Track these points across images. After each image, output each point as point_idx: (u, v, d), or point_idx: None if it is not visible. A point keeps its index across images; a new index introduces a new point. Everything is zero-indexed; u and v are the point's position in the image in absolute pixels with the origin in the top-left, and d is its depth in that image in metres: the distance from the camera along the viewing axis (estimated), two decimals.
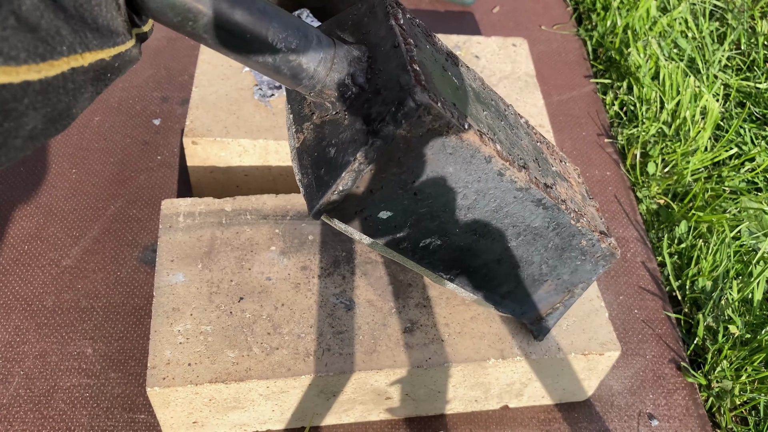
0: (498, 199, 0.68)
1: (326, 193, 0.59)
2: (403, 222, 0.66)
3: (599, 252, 0.80)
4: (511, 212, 0.70)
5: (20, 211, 1.18)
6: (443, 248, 0.71)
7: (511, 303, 0.83)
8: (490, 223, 0.71)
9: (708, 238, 1.26)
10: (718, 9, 1.81)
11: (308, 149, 0.63)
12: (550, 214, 0.73)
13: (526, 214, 0.71)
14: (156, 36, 1.54)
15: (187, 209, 0.98)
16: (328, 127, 0.62)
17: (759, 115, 1.55)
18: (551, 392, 0.99)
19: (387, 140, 0.57)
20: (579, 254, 0.79)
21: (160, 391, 0.81)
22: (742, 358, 1.07)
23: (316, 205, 0.60)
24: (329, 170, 0.60)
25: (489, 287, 0.79)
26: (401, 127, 0.57)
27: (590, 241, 0.78)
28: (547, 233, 0.75)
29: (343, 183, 0.59)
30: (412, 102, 0.56)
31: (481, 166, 0.64)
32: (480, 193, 0.67)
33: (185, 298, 0.88)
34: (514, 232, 0.73)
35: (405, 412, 0.97)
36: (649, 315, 1.16)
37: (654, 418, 1.03)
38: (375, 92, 0.59)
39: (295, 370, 0.84)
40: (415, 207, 0.65)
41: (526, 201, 0.70)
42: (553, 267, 0.79)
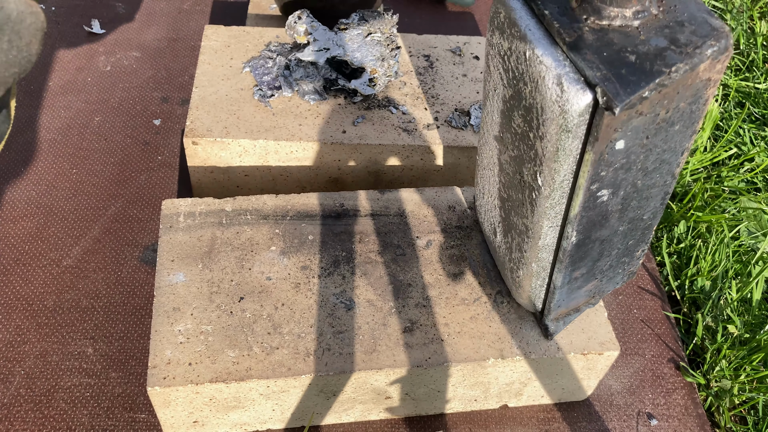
0: (661, 181, 0.72)
1: (638, 90, 0.60)
2: (626, 161, 0.68)
3: (635, 266, 0.85)
4: (651, 194, 0.74)
5: (21, 211, 1.18)
6: (604, 204, 0.72)
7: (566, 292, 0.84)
8: (635, 199, 0.73)
9: (707, 238, 1.26)
10: (717, 9, 1.81)
11: (591, 47, 0.64)
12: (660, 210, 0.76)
13: (654, 203, 0.75)
14: (156, 37, 1.54)
15: (187, 209, 0.98)
16: (616, 35, 0.64)
17: (758, 115, 1.55)
18: (550, 392, 0.99)
19: (695, 66, 0.61)
20: (628, 261, 0.83)
21: (160, 390, 0.82)
22: (741, 357, 1.07)
23: (627, 98, 0.61)
24: (636, 72, 0.62)
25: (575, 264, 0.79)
26: (706, 60, 0.61)
27: (643, 252, 0.82)
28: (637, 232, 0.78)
29: (655, 87, 0.61)
30: (726, 43, 0.61)
31: (687, 134, 0.68)
32: (660, 163, 0.70)
33: (186, 298, 0.89)
34: (632, 216, 0.75)
35: (405, 412, 0.97)
36: (648, 315, 1.16)
37: (653, 418, 1.03)
38: (677, 23, 0.64)
39: (295, 369, 0.84)
40: (639, 151, 0.67)
41: (665, 193, 0.74)
42: (609, 268, 0.82)
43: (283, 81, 1.20)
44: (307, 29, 1.22)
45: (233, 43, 1.28)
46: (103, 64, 1.46)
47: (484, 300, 0.93)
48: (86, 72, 1.44)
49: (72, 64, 1.45)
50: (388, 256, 0.97)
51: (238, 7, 1.65)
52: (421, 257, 0.97)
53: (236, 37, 1.29)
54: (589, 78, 0.62)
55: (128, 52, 1.50)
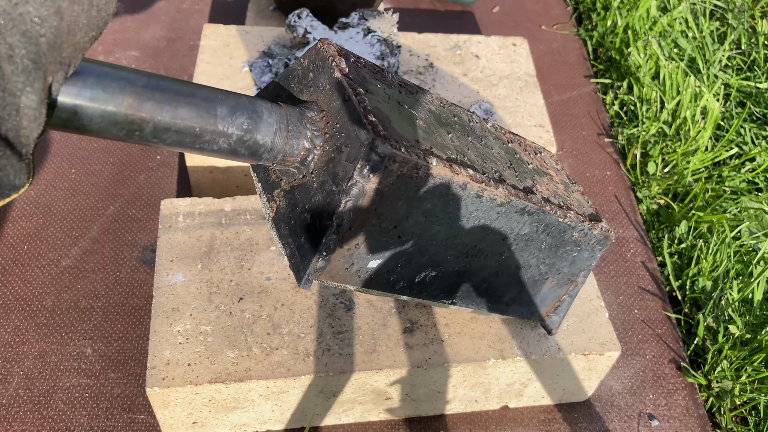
0: (482, 219, 0.69)
1: (311, 261, 0.59)
2: (393, 265, 0.66)
3: (593, 239, 0.81)
4: (498, 227, 0.71)
5: (20, 211, 1.17)
6: (439, 278, 0.71)
7: (518, 307, 0.83)
8: (480, 243, 0.71)
9: (708, 238, 1.25)
10: (719, 9, 1.80)
11: (284, 217, 0.63)
12: (537, 218, 0.73)
13: (513, 225, 0.72)
14: (155, 36, 1.54)
15: (186, 209, 0.97)
16: (299, 192, 0.61)
17: (759, 114, 1.55)
18: (551, 392, 0.99)
19: (359, 197, 0.57)
20: (574, 246, 0.80)
21: (159, 391, 0.81)
22: (742, 358, 1.07)
23: (304, 275, 0.60)
24: (309, 237, 0.60)
25: (492, 300, 0.79)
26: (370, 181, 0.57)
27: (581, 231, 0.79)
28: (537, 236, 0.75)
29: (326, 248, 0.59)
30: (375, 155, 0.56)
31: (458, 194, 0.64)
32: (463, 219, 0.67)
33: (185, 299, 0.88)
34: (505, 245, 0.73)
35: (405, 413, 0.97)
36: (649, 315, 1.16)
37: (654, 419, 1.03)
38: (337, 150, 0.58)
39: (294, 370, 0.84)
40: (403, 248, 0.65)
41: (510, 213, 0.70)
42: (551, 264, 0.80)
43: None
44: (307, 28, 1.22)
45: (232, 42, 1.27)
46: None
47: None
48: None
49: None
50: None
51: (238, 6, 1.65)
52: None
53: (235, 36, 1.28)
54: (286, 255, 0.62)
55: (127, 51, 1.49)
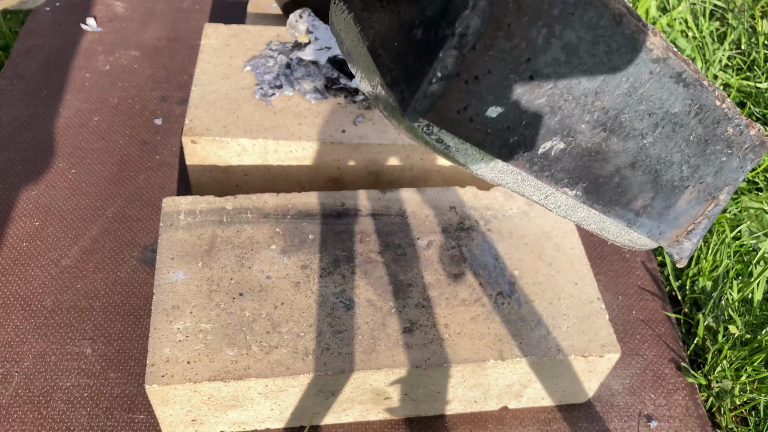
0: (631, 76, 0.56)
1: (422, 82, 0.47)
2: (517, 119, 0.54)
3: (748, 142, 0.66)
4: (646, 94, 0.59)
5: (19, 211, 1.17)
6: (567, 153, 0.59)
7: (647, 220, 0.69)
8: (623, 113, 0.58)
9: (708, 238, 1.25)
10: (719, 9, 1.81)
11: (384, 42, 0.51)
12: (692, 93, 0.60)
13: (664, 95, 0.59)
14: (155, 36, 1.54)
15: (188, 207, 0.98)
16: (405, 7, 0.50)
17: (759, 114, 1.55)
18: (551, 394, 0.98)
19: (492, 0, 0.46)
20: (725, 147, 0.66)
21: (158, 388, 0.81)
22: (742, 358, 1.07)
23: (411, 101, 0.48)
24: (421, 54, 0.48)
25: (622, 202, 0.66)
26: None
27: (738, 127, 0.64)
28: (688, 121, 0.62)
29: (442, 66, 0.47)
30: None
31: (608, 30, 0.52)
32: (610, 69, 0.55)
33: (185, 296, 0.88)
34: (650, 123, 0.60)
35: (404, 413, 0.96)
36: (649, 315, 1.16)
37: (653, 419, 1.03)
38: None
39: (293, 369, 0.83)
40: (532, 96, 0.53)
41: (664, 77, 0.57)
42: (696, 167, 0.66)
43: (284, 80, 1.20)
44: (309, 28, 1.22)
45: (233, 42, 1.27)
46: (102, 64, 1.46)
47: (484, 301, 0.93)
48: (85, 71, 1.44)
49: (71, 63, 1.45)
50: (389, 256, 0.96)
51: (238, 6, 1.65)
52: (422, 257, 0.97)
53: (236, 35, 1.29)
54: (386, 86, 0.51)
55: (127, 51, 1.49)
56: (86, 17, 1.57)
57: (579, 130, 0.57)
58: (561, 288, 0.96)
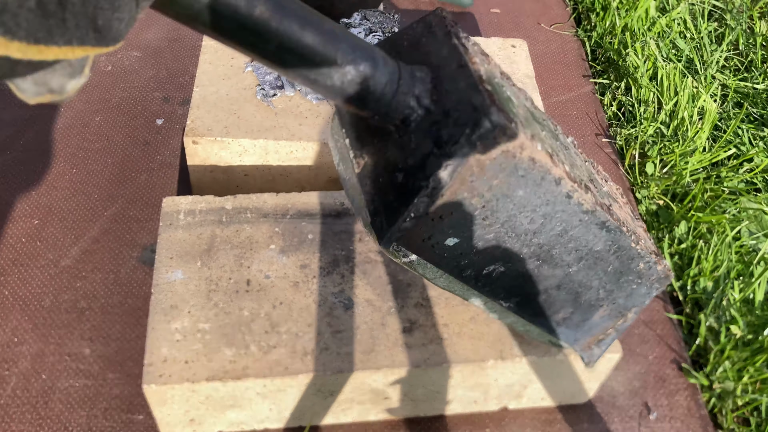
0: (564, 222, 0.67)
1: (398, 220, 0.57)
2: (469, 249, 0.64)
3: (655, 274, 0.79)
4: (575, 236, 0.69)
5: (19, 210, 1.17)
6: (506, 275, 0.69)
7: (566, 329, 0.81)
8: (554, 248, 0.69)
9: (708, 238, 1.25)
10: (717, 9, 1.81)
11: (371, 174, 0.61)
12: (613, 236, 0.71)
13: (589, 237, 0.70)
14: (157, 36, 1.54)
15: (187, 207, 0.97)
16: (392, 151, 0.59)
17: (757, 115, 1.55)
18: (551, 394, 0.98)
19: (461, 163, 0.55)
20: (636, 277, 0.78)
21: (156, 388, 0.81)
22: (744, 358, 1.06)
23: (387, 233, 0.58)
24: (399, 196, 0.58)
25: (546, 314, 0.77)
26: (476, 149, 0.55)
27: (647, 263, 0.77)
28: (607, 257, 0.73)
29: (415, 209, 0.57)
30: (488, 122, 0.54)
31: (550, 188, 0.63)
32: (547, 217, 0.65)
33: (183, 296, 0.88)
34: (576, 257, 0.71)
35: (403, 413, 0.96)
36: (651, 316, 1.16)
37: (652, 411, 1.03)
38: (444, 114, 0.57)
39: (292, 368, 0.83)
40: (483, 233, 0.63)
41: (591, 224, 0.68)
42: (610, 291, 0.78)
43: (285, 80, 1.20)
44: None
45: None
46: (104, 64, 1.46)
47: None
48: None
49: None
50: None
51: None
52: None
53: None
54: (368, 211, 0.60)
55: (129, 51, 1.49)
56: None
57: (517, 259, 0.68)
58: None
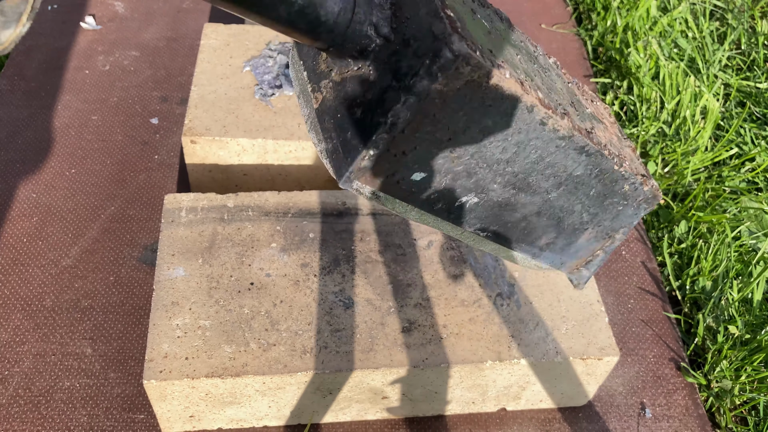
0: (539, 149, 0.64)
1: (356, 158, 0.54)
2: (438, 182, 0.61)
3: (641, 195, 0.76)
4: (552, 162, 0.66)
5: (19, 210, 1.18)
6: (480, 205, 0.67)
7: (550, 254, 0.79)
8: (530, 176, 0.66)
9: (708, 238, 1.25)
10: (719, 9, 1.81)
11: (329, 110, 0.58)
12: (593, 161, 0.69)
13: (568, 163, 0.67)
14: (155, 36, 1.54)
15: (189, 204, 0.98)
16: (351, 84, 0.56)
17: (759, 114, 1.55)
18: (549, 396, 0.98)
19: (421, 96, 0.52)
20: (621, 199, 0.76)
21: (156, 384, 0.81)
22: (742, 358, 1.06)
23: (346, 172, 0.55)
24: (357, 133, 0.55)
25: (528, 241, 0.75)
26: (437, 81, 0.51)
27: (633, 185, 0.74)
28: (589, 181, 0.71)
29: (374, 146, 0.54)
30: (448, 52, 0.50)
31: (522, 116, 0.59)
32: (520, 145, 0.62)
33: (185, 293, 0.88)
34: (554, 183, 0.69)
35: (402, 412, 0.96)
36: (649, 315, 1.16)
37: (646, 408, 1.03)
38: (403, 43, 0.53)
39: (291, 366, 0.83)
40: (451, 165, 0.60)
41: (569, 149, 0.66)
42: (594, 214, 0.76)
43: (284, 80, 1.20)
44: None
45: (233, 41, 1.27)
46: (102, 64, 1.46)
47: (483, 302, 0.93)
48: (85, 71, 1.44)
49: (70, 63, 1.45)
50: (389, 255, 0.96)
51: None
52: (422, 257, 0.97)
53: (236, 35, 1.29)
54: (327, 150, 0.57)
55: (127, 51, 1.50)
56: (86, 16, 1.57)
57: (491, 189, 0.66)
58: (561, 290, 0.96)
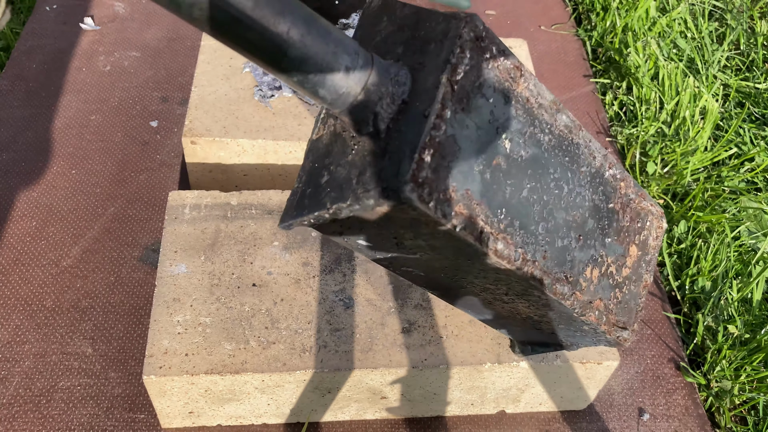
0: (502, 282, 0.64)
1: (298, 218, 0.58)
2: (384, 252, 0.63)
3: (602, 338, 0.73)
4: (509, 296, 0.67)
5: (20, 211, 1.18)
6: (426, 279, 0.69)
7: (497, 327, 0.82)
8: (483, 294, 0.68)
9: (707, 238, 1.25)
10: (718, 9, 1.81)
11: (315, 152, 0.60)
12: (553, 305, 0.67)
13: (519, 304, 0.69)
14: (156, 36, 1.54)
15: (193, 201, 0.98)
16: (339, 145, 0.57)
17: (758, 115, 1.55)
18: (549, 400, 0.98)
19: (364, 209, 0.52)
20: (581, 328, 0.72)
21: (156, 379, 0.81)
22: (742, 357, 1.07)
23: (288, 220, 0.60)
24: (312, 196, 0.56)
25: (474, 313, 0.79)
26: (382, 206, 0.51)
27: (593, 329, 0.70)
28: (548, 311, 0.69)
29: (316, 219, 0.56)
30: (399, 194, 0.49)
31: (485, 265, 0.58)
32: (472, 275, 0.63)
33: (186, 289, 0.89)
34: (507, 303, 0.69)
35: (400, 413, 0.96)
36: (649, 315, 1.16)
37: (645, 412, 1.03)
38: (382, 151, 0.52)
39: (290, 365, 0.84)
40: (397, 250, 0.61)
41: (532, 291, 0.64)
42: (553, 323, 0.74)
43: None
44: None
45: None
46: (103, 64, 1.46)
47: None
48: (85, 72, 1.44)
49: (71, 64, 1.46)
50: None
51: None
52: None
53: None
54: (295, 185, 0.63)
55: (127, 51, 1.50)
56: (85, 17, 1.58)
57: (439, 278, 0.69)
58: None
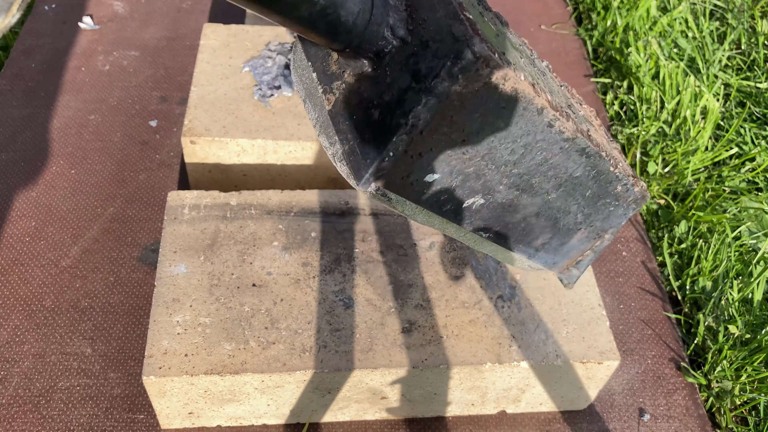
0: (545, 151, 0.65)
1: (376, 159, 0.55)
2: (449, 184, 0.63)
3: (632, 196, 0.78)
4: (555, 164, 0.68)
5: (19, 211, 1.17)
6: (485, 207, 0.68)
7: (545, 254, 0.80)
8: (534, 177, 0.68)
9: (708, 238, 1.25)
10: (719, 9, 1.81)
11: (344, 112, 0.58)
12: (592, 162, 0.70)
13: (569, 164, 0.69)
14: (156, 36, 1.54)
15: (192, 202, 0.98)
16: (366, 85, 0.57)
17: (759, 114, 1.55)
18: (549, 399, 0.98)
19: (442, 98, 0.53)
20: (613, 200, 0.77)
21: (155, 380, 0.81)
22: (742, 358, 1.06)
23: (365, 173, 0.56)
24: (376, 135, 0.55)
25: (525, 241, 0.76)
26: (458, 83, 0.52)
27: (625, 186, 0.76)
28: (586, 182, 0.73)
29: (394, 148, 0.55)
30: (470, 54, 0.51)
31: (532, 118, 0.61)
32: (528, 147, 0.64)
33: (186, 290, 0.88)
34: (555, 184, 0.70)
35: (401, 413, 0.96)
36: (649, 315, 1.16)
37: (645, 413, 1.03)
38: (422, 45, 0.54)
39: (290, 365, 0.83)
40: (462, 167, 0.61)
41: (572, 151, 0.67)
42: (588, 215, 0.78)
43: (283, 80, 1.20)
44: None
45: (232, 42, 1.27)
46: (102, 64, 1.46)
47: (484, 304, 0.93)
48: (84, 71, 1.44)
49: (70, 63, 1.45)
50: (390, 256, 0.96)
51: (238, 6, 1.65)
52: (423, 258, 0.97)
53: (235, 36, 1.29)
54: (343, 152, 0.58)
55: (127, 51, 1.49)
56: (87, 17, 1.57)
57: (497, 190, 0.67)
58: (562, 293, 0.96)
